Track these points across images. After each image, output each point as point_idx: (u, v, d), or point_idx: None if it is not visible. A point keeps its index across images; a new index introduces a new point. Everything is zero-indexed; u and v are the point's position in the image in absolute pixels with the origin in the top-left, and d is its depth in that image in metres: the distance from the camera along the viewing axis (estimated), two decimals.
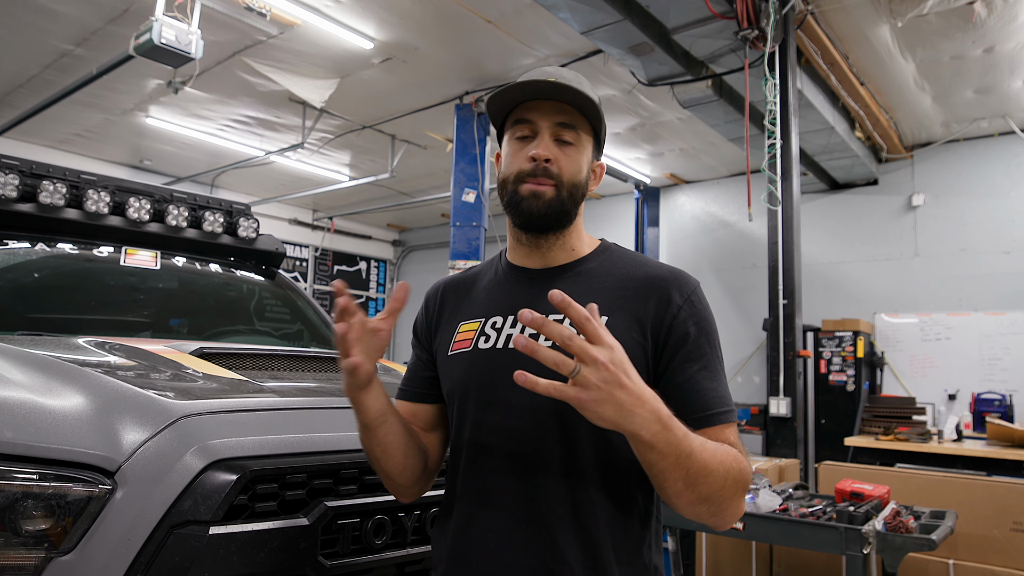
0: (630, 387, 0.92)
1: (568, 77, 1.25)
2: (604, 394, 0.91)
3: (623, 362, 0.93)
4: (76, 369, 1.55)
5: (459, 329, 1.31)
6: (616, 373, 0.91)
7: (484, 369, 1.23)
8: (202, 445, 1.32)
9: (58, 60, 7.03)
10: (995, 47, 6.00)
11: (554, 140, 1.23)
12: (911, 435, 5.01)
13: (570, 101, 1.22)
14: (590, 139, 1.27)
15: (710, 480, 1.03)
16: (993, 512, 3.50)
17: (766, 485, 3.54)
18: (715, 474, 1.03)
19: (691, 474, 1.00)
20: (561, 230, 1.27)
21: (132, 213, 2.89)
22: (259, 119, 8.53)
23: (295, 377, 1.97)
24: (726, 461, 1.06)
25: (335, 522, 1.41)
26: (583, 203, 1.30)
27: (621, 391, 0.92)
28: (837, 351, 7.71)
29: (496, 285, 1.33)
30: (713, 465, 1.03)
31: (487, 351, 1.25)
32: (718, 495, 1.05)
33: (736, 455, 1.10)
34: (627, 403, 0.92)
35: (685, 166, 9.62)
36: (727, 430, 1.16)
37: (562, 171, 1.22)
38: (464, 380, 1.25)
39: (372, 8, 5.84)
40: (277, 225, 12.30)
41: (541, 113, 1.23)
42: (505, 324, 1.26)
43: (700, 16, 5.19)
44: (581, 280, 1.25)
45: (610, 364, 0.91)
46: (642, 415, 0.93)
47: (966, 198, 8.04)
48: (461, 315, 1.33)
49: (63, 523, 1.23)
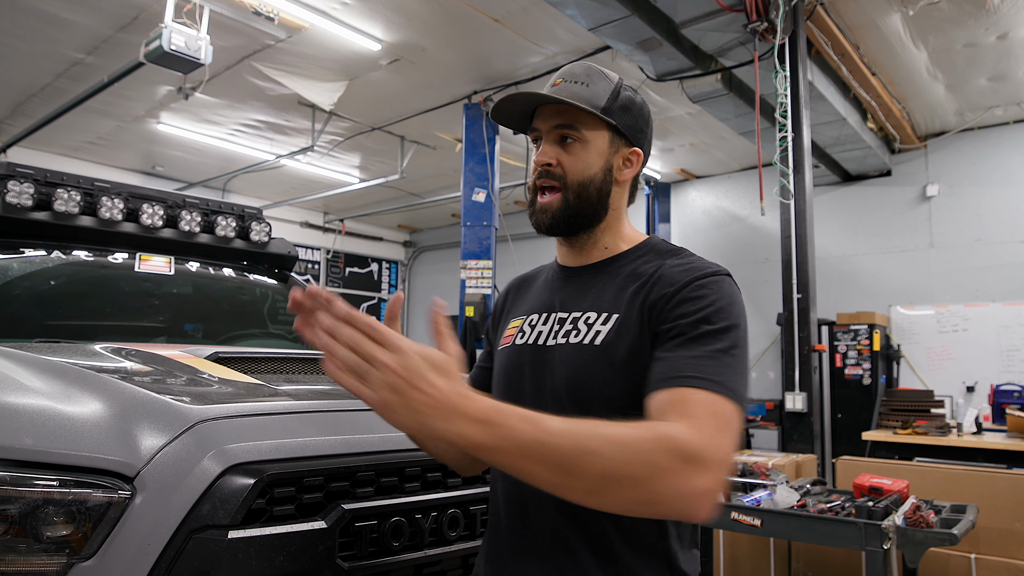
0: (429, 391, 0.87)
1: (576, 74, 1.26)
2: (394, 398, 0.87)
3: (418, 366, 0.88)
4: (93, 375, 1.56)
5: (509, 325, 1.37)
6: (405, 377, 0.87)
7: (515, 364, 1.28)
8: (219, 449, 1.32)
9: (70, 69, 7.09)
10: (1009, 33, 5.93)
11: (558, 141, 1.25)
12: (930, 428, 4.96)
13: (557, 103, 1.23)
14: (601, 132, 1.26)
15: (594, 461, 0.89)
16: (1015, 505, 3.46)
17: (783, 481, 3.52)
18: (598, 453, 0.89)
19: (559, 462, 0.89)
20: (588, 229, 1.28)
21: (146, 219, 2.91)
22: (269, 123, 8.57)
23: (310, 380, 1.98)
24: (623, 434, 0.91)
25: (352, 525, 1.41)
26: (619, 198, 1.30)
27: (415, 394, 0.87)
28: (853, 345, 7.66)
29: (545, 283, 1.37)
30: (593, 444, 0.90)
31: (519, 347, 1.29)
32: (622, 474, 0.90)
33: (655, 425, 0.95)
34: (423, 407, 0.87)
35: (695, 161, 9.58)
36: (691, 393, 1.01)
37: (566, 171, 1.24)
38: (499, 374, 1.33)
39: (379, 10, 5.85)
40: (288, 228, 12.36)
41: (543, 119, 1.27)
42: (539, 322, 1.29)
43: (708, 9, 5.17)
44: (602, 276, 1.26)
45: (399, 368, 0.87)
46: (444, 418, 0.88)
47: (981, 187, 7.96)
48: (515, 312, 1.39)
49: (84, 529, 1.24)
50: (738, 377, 1.06)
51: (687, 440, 0.92)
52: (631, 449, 0.90)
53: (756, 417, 7.65)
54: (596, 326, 1.19)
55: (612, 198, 1.28)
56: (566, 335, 1.22)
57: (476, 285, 7.24)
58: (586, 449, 0.89)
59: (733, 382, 1.04)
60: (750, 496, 3.34)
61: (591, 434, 0.91)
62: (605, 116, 1.24)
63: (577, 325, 1.22)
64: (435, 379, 0.89)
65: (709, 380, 1.03)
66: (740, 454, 4.57)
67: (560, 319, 1.26)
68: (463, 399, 0.89)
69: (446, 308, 1.04)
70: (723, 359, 1.07)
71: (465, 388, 0.91)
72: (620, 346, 1.15)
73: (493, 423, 0.89)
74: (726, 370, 1.05)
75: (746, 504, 3.18)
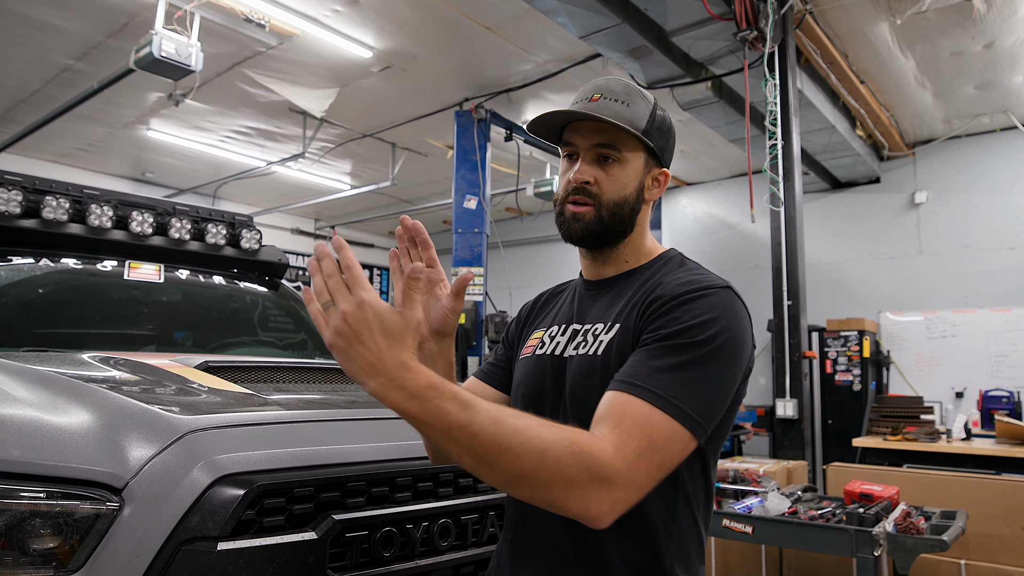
0: (371, 348, 0.90)
1: (615, 91, 1.25)
2: (340, 343, 0.91)
3: (367, 321, 0.90)
4: (81, 385, 1.55)
5: (532, 336, 1.38)
6: (352, 327, 0.90)
7: (533, 373, 1.30)
8: (209, 460, 1.32)
9: (59, 75, 7.06)
10: (995, 42, 5.99)
11: (596, 159, 1.25)
12: (919, 435, 4.99)
13: (606, 122, 1.22)
14: (639, 153, 1.26)
15: (509, 460, 0.92)
16: (1004, 511, 3.48)
17: (774, 488, 3.53)
18: (515, 454, 0.92)
19: (475, 450, 0.92)
20: (612, 245, 1.29)
21: (135, 227, 2.89)
22: (260, 130, 8.55)
23: (300, 389, 1.97)
24: (543, 439, 0.93)
25: (343, 535, 1.41)
26: (645, 215, 1.31)
27: (357, 346, 0.90)
28: (843, 351, 7.68)
29: (569, 296, 1.39)
30: (512, 444, 0.92)
31: (540, 357, 1.31)
32: (533, 476, 0.93)
33: (577, 436, 0.96)
34: (361, 361, 0.90)
35: (686, 168, 9.62)
36: (631, 402, 1.02)
37: (602, 191, 1.24)
38: (518, 382, 1.34)
39: (370, 17, 5.86)
40: (279, 235, 12.33)
41: (581, 135, 1.26)
42: (558, 333, 1.31)
43: (698, 18, 5.20)
44: (618, 288, 1.28)
45: (348, 316, 0.90)
46: (377, 380, 0.90)
47: (969, 194, 8.02)
48: (538, 323, 1.41)
49: (71, 541, 1.23)
50: (694, 394, 1.04)
51: (604, 461, 0.95)
52: (547, 457, 0.93)
53: (747, 424, 7.66)
54: (600, 336, 1.22)
55: (639, 216, 1.30)
56: (577, 347, 1.25)
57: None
58: (505, 447, 0.92)
59: (685, 399, 1.03)
60: (741, 503, 3.34)
61: (515, 432, 0.93)
62: (646, 139, 1.24)
63: (587, 337, 1.25)
64: (380, 339, 0.91)
65: (656, 394, 1.02)
66: (731, 460, 4.57)
67: (575, 331, 1.28)
68: (401, 369, 0.91)
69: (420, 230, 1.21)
70: (682, 374, 1.05)
71: (408, 358, 0.92)
72: (616, 356, 1.17)
73: (424, 399, 0.91)
74: (681, 387, 1.04)
75: (737, 511, 3.19)
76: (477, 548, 1.65)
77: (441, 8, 5.67)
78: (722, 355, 1.08)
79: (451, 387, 0.93)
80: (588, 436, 0.98)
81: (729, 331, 1.10)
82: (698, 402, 1.04)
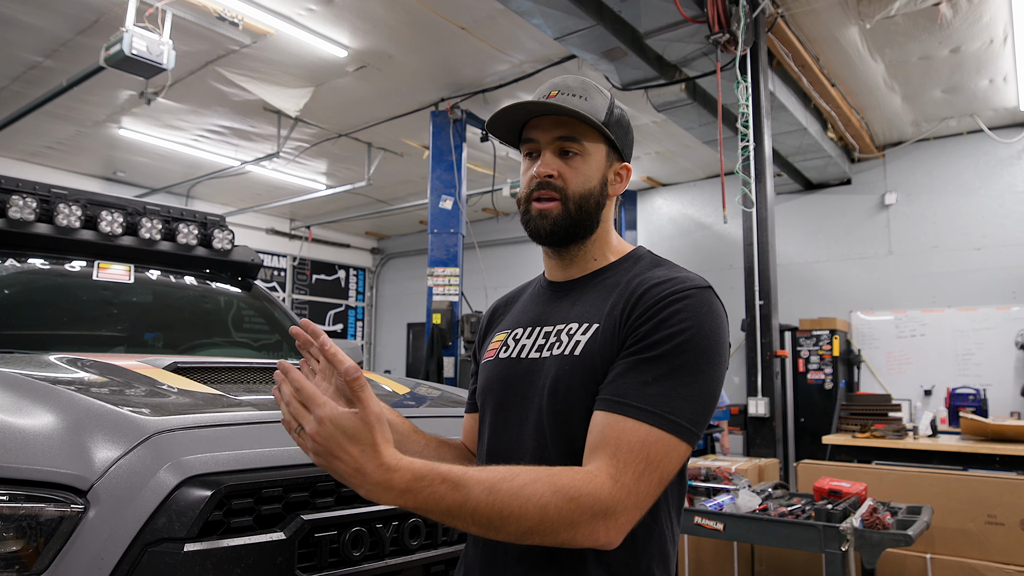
0: (343, 458, 0.93)
1: (572, 87, 1.25)
2: (321, 461, 0.95)
3: (332, 435, 0.93)
4: (47, 387, 1.53)
5: (492, 339, 1.36)
6: (324, 445, 0.93)
7: (500, 377, 1.27)
8: (176, 461, 1.31)
9: (27, 72, 6.94)
10: (961, 47, 6.11)
11: (558, 153, 1.24)
12: (887, 432, 5.07)
13: (565, 115, 1.22)
14: (600, 145, 1.26)
15: (513, 522, 0.96)
16: (968, 506, 3.56)
17: (746, 485, 3.57)
18: (518, 516, 0.96)
19: (480, 521, 0.96)
20: (580, 241, 1.28)
21: (104, 227, 2.86)
22: (234, 129, 8.48)
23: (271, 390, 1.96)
24: (540, 495, 0.96)
25: (312, 535, 1.41)
26: (609, 211, 1.31)
27: (335, 461, 0.94)
28: (815, 350, 7.79)
29: (530, 298, 1.38)
30: (513, 508, 0.95)
31: (505, 360, 1.28)
32: (540, 530, 0.97)
33: (572, 480, 0.99)
34: (345, 473, 0.94)
35: (661, 169, 9.69)
36: (628, 427, 1.04)
37: (567, 184, 1.23)
38: (484, 388, 1.31)
39: (345, 16, 5.84)
40: (254, 235, 12.22)
41: (542, 130, 1.25)
42: (523, 336, 1.29)
43: (672, 20, 5.25)
44: (590, 290, 1.26)
45: (316, 436, 0.94)
46: (366, 487, 0.94)
47: (937, 196, 8.18)
48: (499, 327, 1.39)
49: (35, 544, 1.22)
50: (684, 404, 1.06)
51: (603, 496, 0.99)
52: (549, 511, 0.96)
53: (722, 423, 7.73)
54: (576, 336, 1.19)
55: (604, 211, 1.29)
56: (550, 347, 1.22)
57: (443, 292, 7.23)
58: (507, 513, 0.96)
59: (677, 411, 1.05)
60: (713, 500, 3.38)
61: (512, 496, 0.96)
62: (606, 130, 1.24)
63: (560, 337, 1.22)
64: (351, 449, 0.93)
65: (648, 412, 1.04)
66: (705, 459, 4.62)
67: (546, 332, 1.25)
68: (383, 472, 0.93)
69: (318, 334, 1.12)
70: (671, 384, 1.06)
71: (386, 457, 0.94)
72: (598, 356, 1.15)
73: (415, 492, 0.94)
74: (672, 398, 1.06)
75: (709, 508, 3.22)
76: (448, 547, 1.66)
77: (416, 8, 5.67)
78: (706, 359, 1.09)
79: (439, 471, 0.95)
80: (582, 476, 1.00)
81: (711, 334, 1.11)
82: (690, 411, 1.06)
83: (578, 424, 1.13)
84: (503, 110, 1.25)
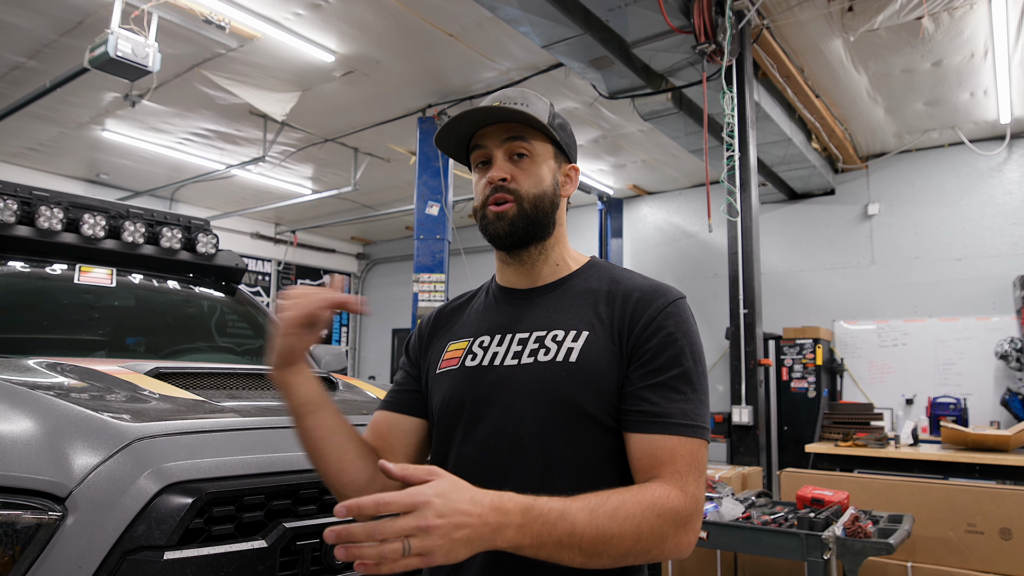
0: (468, 520, 0.89)
1: (512, 96, 1.28)
2: (449, 544, 0.88)
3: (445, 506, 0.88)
4: (25, 392, 1.51)
5: (448, 348, 1.33)
6: (447, 522, 0.88)
7: (470, 386, 1.25)
8: (156, 468, 1.30)
9: (10, 72, 6.87)
10: (943, 61, 6.20)
11: (509, 157, 1.27)
12: (869, 440, 5.11)
13: (509, 118, 1.25)
14: (547, 146, 1.29)
15: (615, 543, 1.00)
16: (948, 514, 3.59)
17: (729, 493, 3.58)
18: (619, 536, 1.00)
19: (585, 548, 0.98)
20: (540, 242, 1.29)
21: (87, 230, 2.83)
22: (219, 132, 8.43)
23: (253, 396, 1.95)
24: (634, 515, 1.02)
25: (294, 543, 1.40)
26: (563, 214, 1.33)
27: (462, 531, 0.89)
28: (798, 359, 7.84)
29: (487, 307, 1.36)
30: (612, 529, 0.99)
31: (473, 369, 1.26)
32: (636, 549, 1.02)
33: (655, 497, 1.05)
34: (475, 534, 0.90)
35: (647, 177, 9.74)
36: (677, 444, 1.12)
37: (520, 185, 1.25)
38: (450, 397, 1.27)
39: (333, 21, 5.83)
40: (239, 239, 12.14)
41: (489, 137, 1.28)
42: (492, 343, 1.27)
43: (659, 30, 5.27)
44: (566, 297, 1.27)
45: (435, 519, 0.87)
46: (493, 532, 0.91)
47: (919, 207, 8.27)
48: (451, 335, 1.35)
49: (11, 551, 1.20)
50: (703, 409, 1.17)
51: (680, 508, 1.07)
52: (643, 529, 1.02)
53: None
54: (567, 343, 1.20)
55: (558, 213, 1.31)
56: (532, 354, 1.21)
57: (429, 299, 7.22)
58: (608, 535, 0.99)
59: (703, 417, 1.16)
60: None
61: (610, 517, 1.00)
62: (551, 130, 1.27)
63: (544, 343, 1.21)
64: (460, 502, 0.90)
65: (690, 426, 1.14)
66: None
67: (520, 339, 1.24)
68: (500, 514, 0.92)
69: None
70: (696, 395, 1.17)
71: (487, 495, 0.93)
72: (595, 363, 1.17)
73: (528, 521, 0.94)
74: (701, 410, 1.16)
75: None
76: None
77: (404, 14, 5.67)
78: (701, 364, 1.21)
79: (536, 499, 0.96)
80: (662, 491, 1.07)
81: (698, 340, 1.23)
82: (704, 413, 1.17)
83: (580, 429, 1.15)
84: (449, 122, 1.28)
